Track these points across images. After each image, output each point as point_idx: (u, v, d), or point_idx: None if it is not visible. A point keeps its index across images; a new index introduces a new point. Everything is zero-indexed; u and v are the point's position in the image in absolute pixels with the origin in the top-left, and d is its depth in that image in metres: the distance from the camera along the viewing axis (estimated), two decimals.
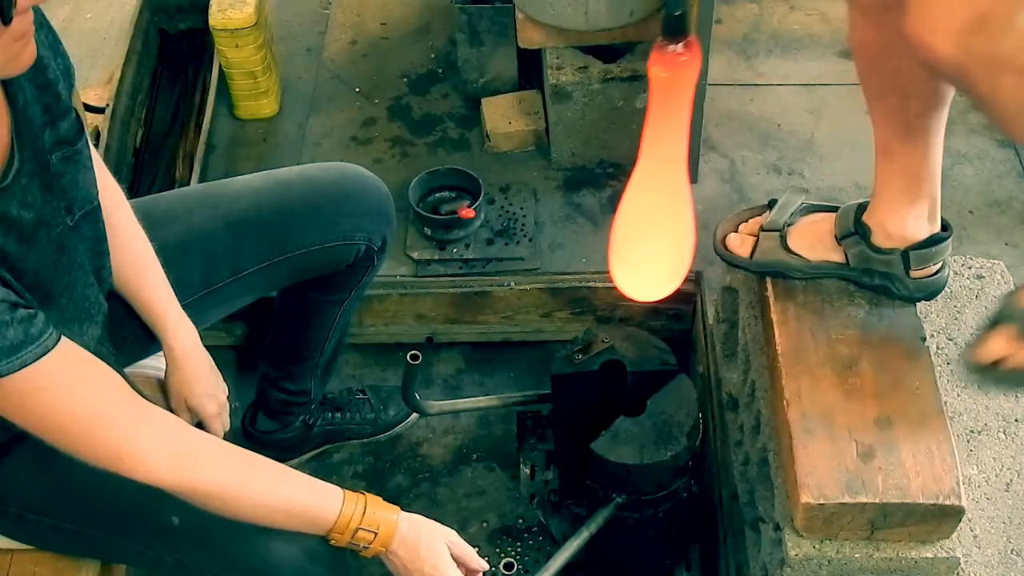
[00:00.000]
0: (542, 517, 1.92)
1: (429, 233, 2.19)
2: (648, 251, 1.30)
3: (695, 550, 1.92)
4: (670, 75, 1.15)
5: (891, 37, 1.11)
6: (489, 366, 2.26)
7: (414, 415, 2.10)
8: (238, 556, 1.38)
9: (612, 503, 1.66)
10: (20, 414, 1.16)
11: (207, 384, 1.55)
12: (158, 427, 1.24)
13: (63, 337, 1.16)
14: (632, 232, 1.31)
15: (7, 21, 0.98)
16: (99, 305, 1.37)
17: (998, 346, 1.34)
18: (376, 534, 1.35)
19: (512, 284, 2.15)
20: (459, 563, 1.42)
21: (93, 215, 1.33)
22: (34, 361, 1.11)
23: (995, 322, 1.36)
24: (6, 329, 1.08)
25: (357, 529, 1.33)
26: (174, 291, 1.53)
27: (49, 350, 1.13)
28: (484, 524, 1.97)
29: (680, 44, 1.15)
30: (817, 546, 1.39)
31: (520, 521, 1.96)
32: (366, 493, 1.37)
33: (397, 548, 1.37)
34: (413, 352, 1.55)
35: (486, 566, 1.47)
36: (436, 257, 2.17)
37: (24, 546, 1.47)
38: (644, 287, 1.38)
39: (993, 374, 1.34)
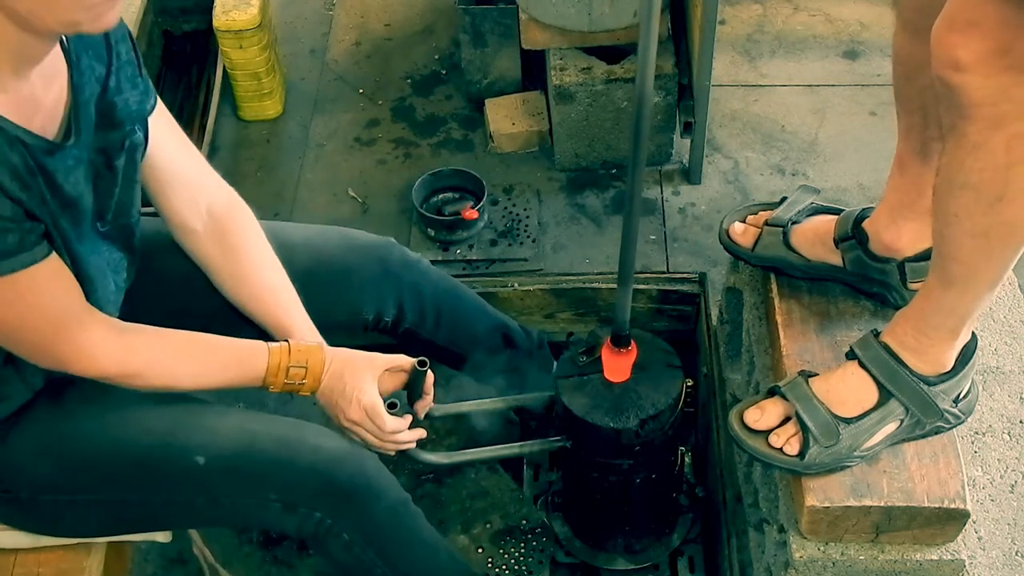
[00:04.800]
0: (545, 518, 1.92)
1: (433, 234, 2.19)
2: None
3: (692, 554, 1.92)
4: None
5: (928, 55, 1.11)
6: None
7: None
8: (269, 473, 1.39)
9: (550, 438, 1.70)
10: None
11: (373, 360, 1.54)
12: (106, 323, 1.29)
13: (53, 252, 1.19)
14: None
15: None
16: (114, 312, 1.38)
17: (770, 418, 1.39)
18: (307, 368, 1.40)
19: (515, 285, 2.14)
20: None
21: (127, 229, 1.36)
22: (22, 268, 1.15)
23: (771, 392, 1.41)
24: (5, 235, 1.12)
25: (288, 368, 1.38)
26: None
27: (37, 261, 1.16)
28: (488, 525, 1.96)
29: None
30: (822, 548, 1.38)
31: (524, 522, 1.95)
32: (289, 341, 1.42)
33: (327, 379, 1.42)
34: (421, 359, 1.55)
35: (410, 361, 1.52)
36: (440, 258, 2.17)
37: (27, 545, 1.46)
38: None
39: (755, 441, 1.38)
